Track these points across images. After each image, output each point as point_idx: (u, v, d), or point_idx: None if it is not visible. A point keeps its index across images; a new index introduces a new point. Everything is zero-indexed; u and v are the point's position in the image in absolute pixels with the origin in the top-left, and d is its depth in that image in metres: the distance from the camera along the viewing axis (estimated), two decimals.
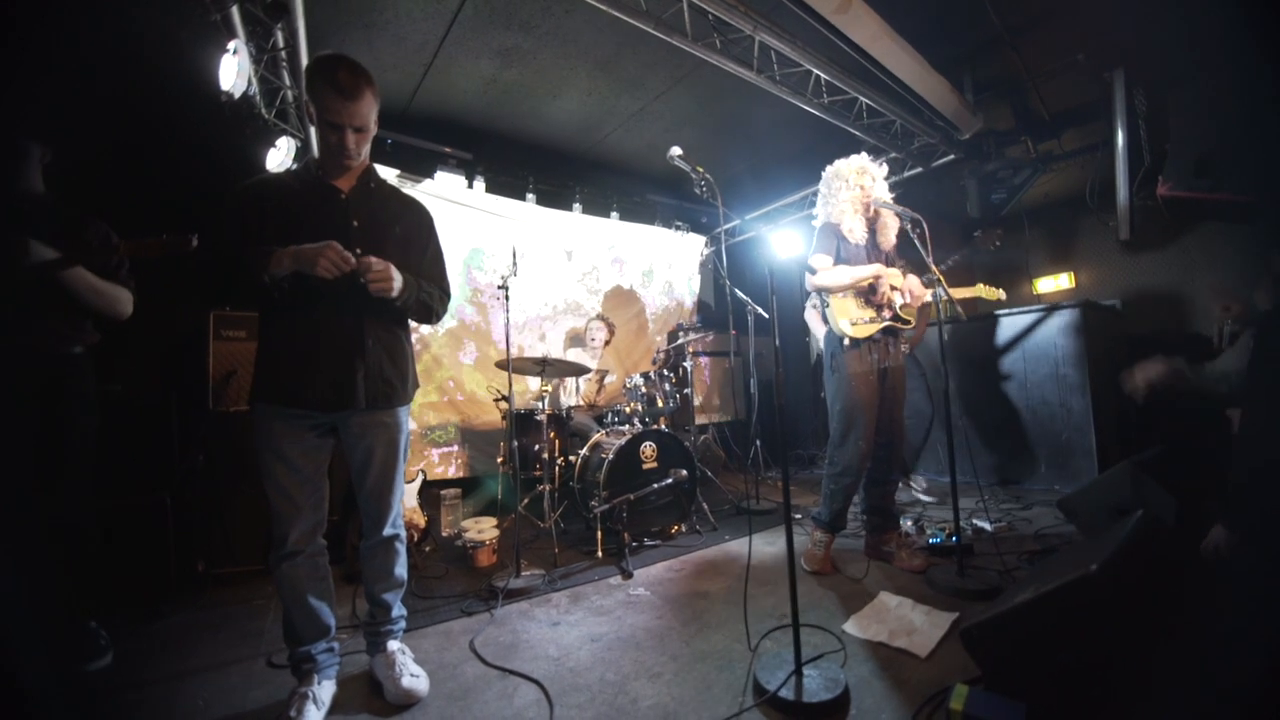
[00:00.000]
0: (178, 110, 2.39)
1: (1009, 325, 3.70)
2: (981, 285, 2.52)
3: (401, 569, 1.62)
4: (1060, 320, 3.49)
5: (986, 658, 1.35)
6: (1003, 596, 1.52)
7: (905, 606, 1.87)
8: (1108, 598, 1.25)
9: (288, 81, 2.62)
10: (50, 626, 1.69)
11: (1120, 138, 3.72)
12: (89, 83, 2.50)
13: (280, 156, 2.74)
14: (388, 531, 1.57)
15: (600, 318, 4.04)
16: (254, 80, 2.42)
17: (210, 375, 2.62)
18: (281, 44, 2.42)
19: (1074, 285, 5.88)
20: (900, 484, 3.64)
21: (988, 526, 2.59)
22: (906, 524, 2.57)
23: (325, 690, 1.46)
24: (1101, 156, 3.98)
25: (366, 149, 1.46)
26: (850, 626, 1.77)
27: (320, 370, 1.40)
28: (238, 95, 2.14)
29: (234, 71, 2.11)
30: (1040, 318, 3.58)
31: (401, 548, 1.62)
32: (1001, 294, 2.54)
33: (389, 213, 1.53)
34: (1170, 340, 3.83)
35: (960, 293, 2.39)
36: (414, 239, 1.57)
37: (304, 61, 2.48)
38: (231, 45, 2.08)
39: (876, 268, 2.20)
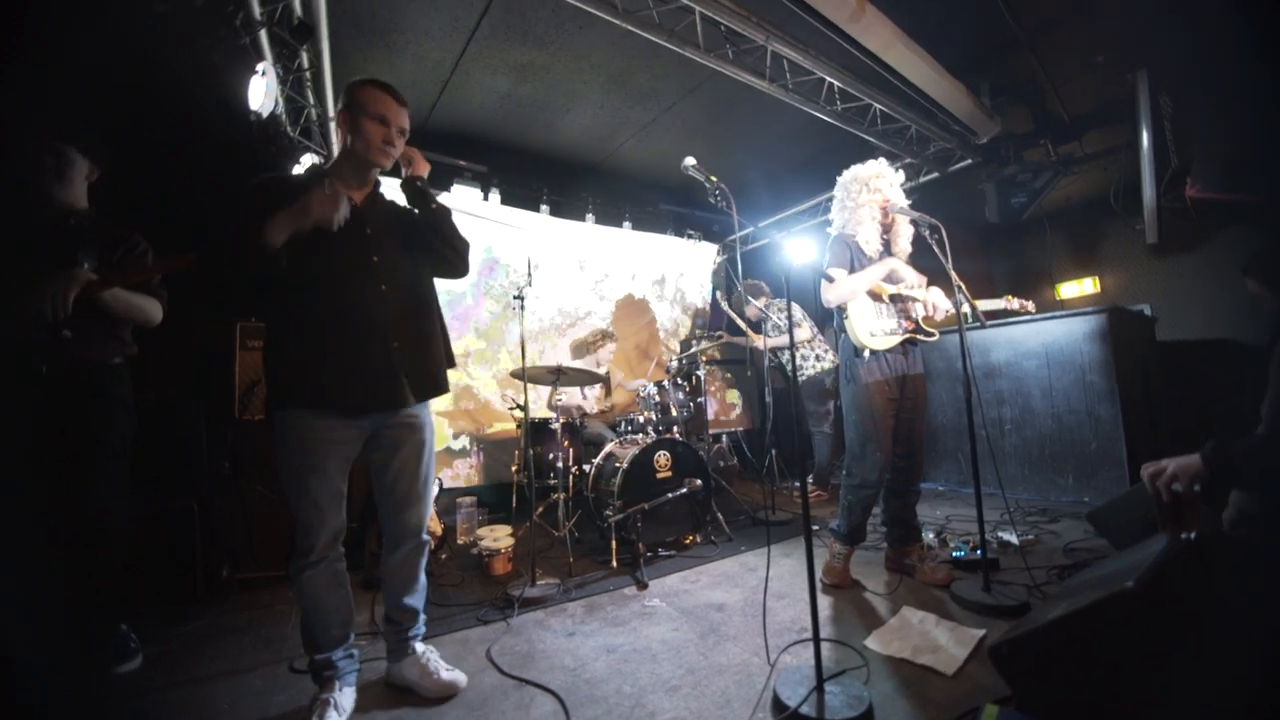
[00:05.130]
0: (210, 129, 2.48)
1: (1031, 331, 3.62)
2: (1009, 296, 2.45)
3: (424, 573, 1.66)
4: (1086, 326, 3.40)
5: (1017, 677, 1.30)
6: (1033, 613, 1.47)
7: (929, 622, 1.82)
8: (1146, 615, 1.20)
9: (311, 101, 2.71)
10: (84, 628, 1.74)
11: (1145, 139, 3.64)
12: (129, 104, 2.62)
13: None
14: (422, 538, 1.61)
15: (604, 333, 4.03)
16: (280, 100, 2.50)
17: (236, 385, 2.68)
18: (306, 65, 2.50)
19: (1099, 290, 5.74)
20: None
21: (1014, 539, 2.52)
22: (928, 536, 2.51)
23: (346, 697, 1.47)
24: (1125, 158, 3.90)
25: (401, 149, 1.53)
26: (872, 642, 1.73)
27: (353, 371, 1.41)
28: (265, 115, 2.22)
29: (262, 92, 2.18)
30: (1065, 323, 3.49)
31: (427, 552, 1.66)
32: (1030, 305, 2.47)
33: (394, 218, 1.61)
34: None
35: (986, 304, 2.34)
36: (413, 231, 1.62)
37: (328, 81, 2.57)
38: (260, 67, 2.15)
39: (888, 264, 2.15)
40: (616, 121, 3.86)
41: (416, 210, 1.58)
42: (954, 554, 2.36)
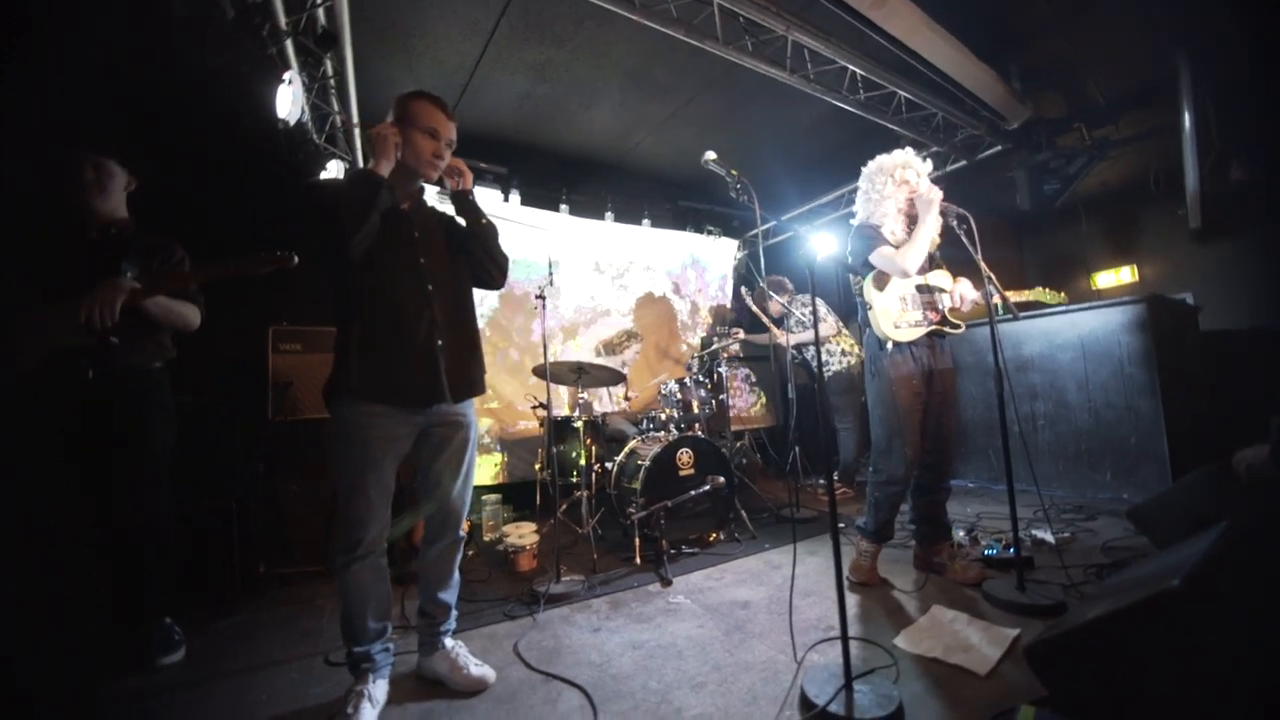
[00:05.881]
0: (241, 138, 2.57)
1: (1066, 323, 3.49)
2: (1040, 288, 2.37)
3: (458, 568, 1.70)
4: (1124, 316, 3.27)
5: (1055, 677, 1.27)
6: (1071, 613, 1.42)
7: (960, 621, 1.78)
8: (1192, 616, 1.16)
9: (336, 108, 2.76)
10: (134, 622, 1.83)
11: (1187, 120, 3.48)
12: (165, 116, 2.72)
13: (331, 177, 2.88)
14: (460, 534, 1.65)
15: (629, 333, 4.04)
16: (306, 108, 2.57)
17: (270, 387, 2.77)
18: (330, 72, 2.55)
19: (1137, 279, 5.52)
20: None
21: (1049, 537, 2.44)
22: (959, 534, 2.46)
23: (380, 689, 1.51)
24: (1165, 141, 3.73)
25: (448, 160, 1.59)
26: (902, 641, 1.70)
27: (401, 366, 1.49)
28: (293, 122, 2.28)
29: (289, 100, 2.24)
30: (1102, 314, 3.36)
31: (462, 545, 1.70)
32: (1063, 296, 2.39)
33: (440, 225, 1.70)
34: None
35: (1016, 295, 2.27)
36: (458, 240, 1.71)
37: (352, 88, 2.62)
38: (287, 76, 2.21)
39: (932, 223, 2.07)
40: (634, 118, 3.85)
41: (465, 222, 1.66)
42: (985, 552, 2.30)
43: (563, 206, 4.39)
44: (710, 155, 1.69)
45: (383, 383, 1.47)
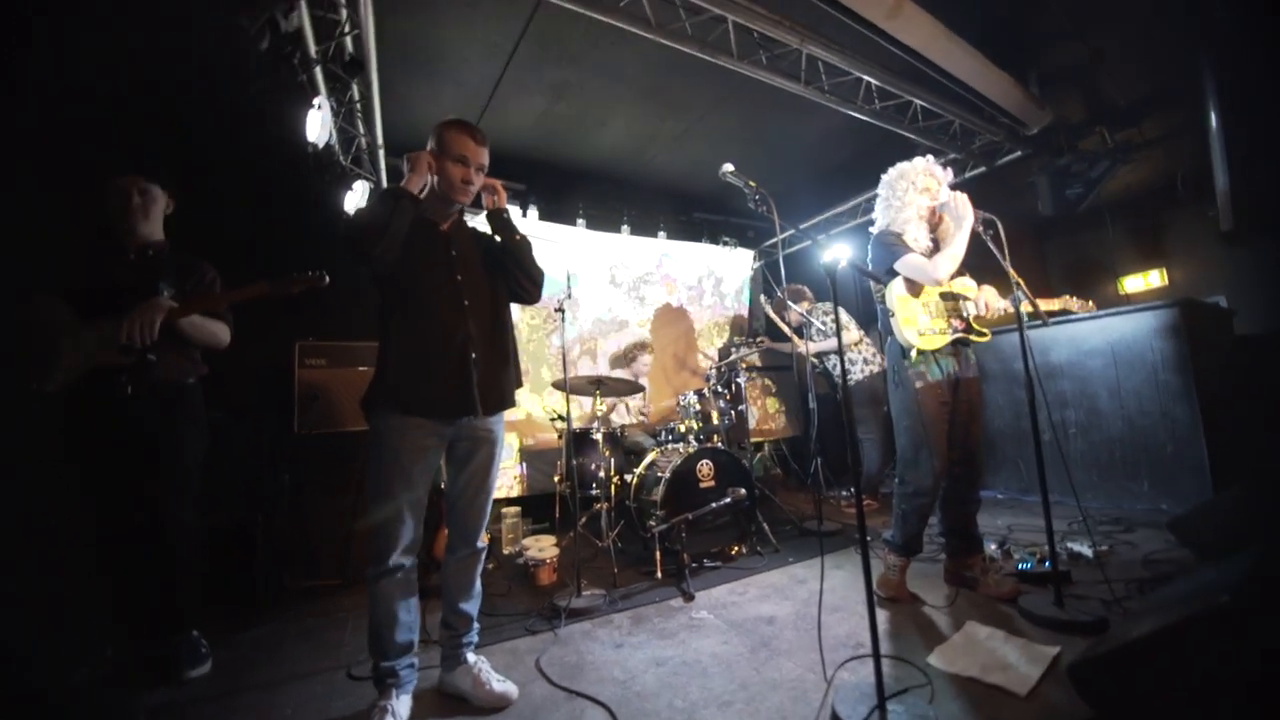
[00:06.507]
0: (274, 163, 2.66)
1: (1096, 328, 3.40)
2: (1068, 297, 2.32)
3: (479, 580, 1.71)
4: (1156, 321, 3.17)
5: (1100, 699, 1.22)
6: (1114, 630, 1.37)
7: (997, 639, 1.72)
8: (1244, 632, 1.10)
9: (361, 130, 2.85)
10: (163, 632, 1.86)
11: (1214, 119, 3.41)
12: (201, 139, 2.84)
13: (356, 198, 2.97)
14: (480, 544, 1.67)
15: (640, 344, 4.03)
16: (333, 131, 2.65)
17: (296, 401, 2.82)
18: (357, 97, 2.64)
19: (1166, 283, 5.37)
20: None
21: (1086, 550, 2.35)
22: (990, 547, 2.38)
23: (403, 704, 1.51)
24: (1191, 142, 3.65)
25: (481, 182, 1.68)
26: (935, 659, 1.64)
27: (434, 377, 1.53)
28: (321, 145, 2.35)
29: (319, 125, 2.32)
30: (1133, 319, 3.27)
31: (484, 557, 1.72)
32: (1091, 306, 2.33)
33: (478, 244, 1.76)
34: None
35: (1044, 303, 2.22)
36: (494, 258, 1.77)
37: (378, 111, 2.71)
38: (316, 101, 2.29)
39: (968, 231, 2.03)
40: (649, 133, 3.89)
41: (499, 239, 1.71)
42: (1019, 566, 2.23)
43: (579, 220, 4.45)
44: (728, 167, 1.70)
45: (415, 394, 1.51)
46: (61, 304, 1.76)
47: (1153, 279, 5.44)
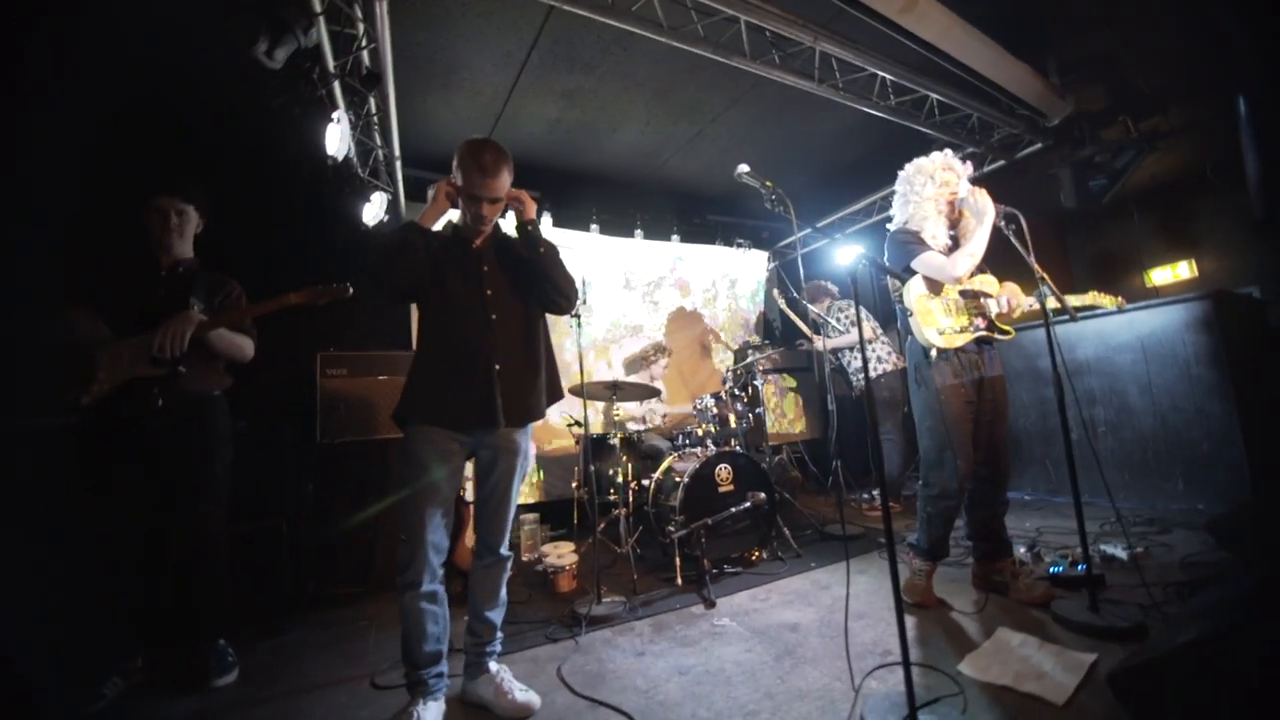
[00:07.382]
0: (295, 177, 2.72)
1: (1124, 323, 3.31)
2: (1095, 292, 2.25)
3: (505, 587, 1.72)
4: (1187, 314, 3.07)
5: (1143, 708, 1.17)
6: (1155, 637, 1.32)
7: (1030, 645, 1.67)
8: None
9: (379, 142, 2.90)
10: (192, 639, 1.89)
11: (1244, 104, 3.29)
12: (227, 156, 2.91)
13: (374, 210, 3.01)
14: (504, 551, 1.68)
15: (657, 347, 4.01)
16: (351, 144, 2.70)
17: (319, 410, 2.86)
18: (374, 109, 2.68)
19: (1195, 275, 5.21)
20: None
21: (1121, 553, 2.28)
22: (1019, 550, 2.32)
23: (431, 712, 1.51)
24: (1220, 128, 3.53)
25: (499, 211, 1.69)
26: (966, 667, 1.60)
27: (458, 389, 1.57)
28: (340, 158, 2.39)
29: (337, 138, 2.36)
30: (1162, 312, 3.17)
31: (509, 566, 1.72)
32: (1121, 301, 2.27)
33: (510, 256, 1.76)
34: None
35: (1070, 299, 2.16)
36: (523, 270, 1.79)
37: (394, 123, 2.75)
38: (335, 115, 2.33)
39: (989, 227, 1.99)
40: (662, 137, 3.89)
41: (525, 252, 1.72)
42: (1051, 569, 2.16)
43: (593, 226, 4.46)
44: (743, 168, 1.69)
45: (435, 406, 1.55)
46: (98, 319, 1.82)
47: (1181, 270, 5.29)
